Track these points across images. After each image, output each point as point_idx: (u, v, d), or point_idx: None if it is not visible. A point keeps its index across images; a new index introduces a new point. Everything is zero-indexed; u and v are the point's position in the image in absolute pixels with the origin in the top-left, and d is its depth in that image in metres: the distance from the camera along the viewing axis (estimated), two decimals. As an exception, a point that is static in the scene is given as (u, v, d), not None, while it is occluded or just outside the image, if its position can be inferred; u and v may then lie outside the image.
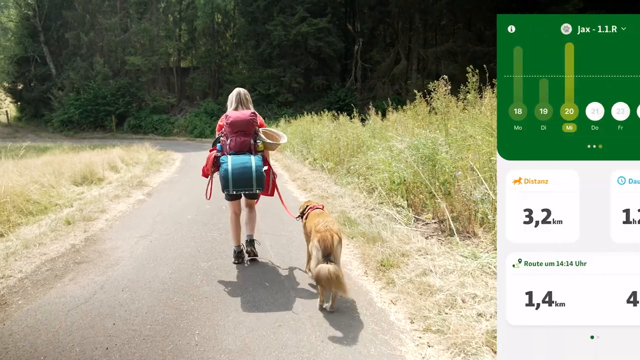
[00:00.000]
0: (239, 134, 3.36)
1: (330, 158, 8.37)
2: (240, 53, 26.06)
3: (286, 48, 23.37)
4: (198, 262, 3.63)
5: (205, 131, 22.79)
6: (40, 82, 28.24)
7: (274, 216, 4.99)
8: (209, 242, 4.22)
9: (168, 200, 6.37)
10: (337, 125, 9.68)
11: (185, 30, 27.68)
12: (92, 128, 25.89)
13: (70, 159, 9.43)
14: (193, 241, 4.24)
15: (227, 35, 27.83)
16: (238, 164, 3.21)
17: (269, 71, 23.84)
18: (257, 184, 3.24)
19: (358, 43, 23.91)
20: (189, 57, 28.55)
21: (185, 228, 4.72)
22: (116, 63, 27.16)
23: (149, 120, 24.78)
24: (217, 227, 4.72)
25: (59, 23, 27.63)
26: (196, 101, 26.57)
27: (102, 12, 26.34)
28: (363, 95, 23.07)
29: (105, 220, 5.07)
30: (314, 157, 9.31)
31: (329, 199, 5.75)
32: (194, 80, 26.33)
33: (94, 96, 25.09)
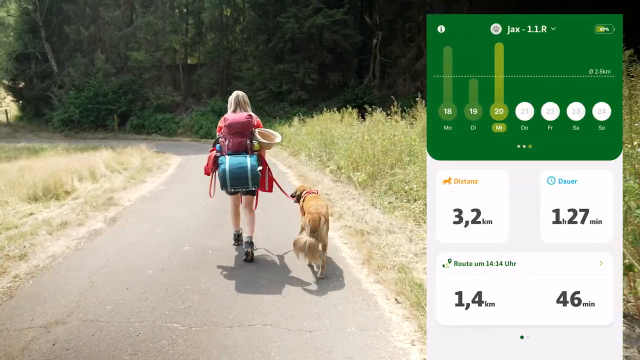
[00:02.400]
0: (236, 135, 3.95)
1: (361, 167, 7.16)
2: (250, 48, 26.61)
3: (299, 42, 23.75)
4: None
5: (211, 131, 23.17)
6: (41, 79, 29.40)
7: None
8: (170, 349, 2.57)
9: (134, 233, 5.05)
10: (371, 124, 8.44)
11: (192, 24, 28.50)
12: (93, 128, 26.84)
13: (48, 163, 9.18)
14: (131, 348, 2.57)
15: (236, 29, 28.49)
16: (235, 164, 3.80)
17: (280, 67, 24.26)
18: (253, 182, 3.84)
19: (376, 37, 24.11)
20: (196, 54, 29.37)
21: (133, 305, 3.12)
22: (118, 59, 28.11)
23: (153, 119, 25.54)
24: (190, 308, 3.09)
25: (61, 18, 28.71)
26: (203, 99, 27.23)
27: (104, 5, 27.40)
28: (382, 93, 23.17)
29: (9, 282, 3.54)
30: (338, 165, 8.21)
31: (371, 235, 4.45)
32: (201, 77, 27.05)
33: (95, 94, 26.02)
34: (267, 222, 5.36)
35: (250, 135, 4.00)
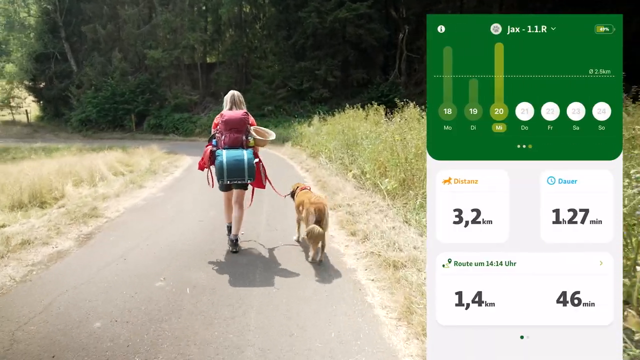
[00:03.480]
0: (232, 130, 4.32)
1: (390, 173, 6.47)
2: (270, 45, 26.98)
3: (321, 37, 23.97)
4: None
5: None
6: (60, 79, 30.65)
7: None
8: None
9: (103, 258, 4.31)
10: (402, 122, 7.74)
11: (210, 21, 29.11)
12: (111, 128, 27.81)
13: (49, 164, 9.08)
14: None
15: (255, 26, 28.96)
16: (232, 156, 4.17)
17: (301, 64, 24.49)
18: (249, 174, 4.19)
19: (403, 31, 24.01)
20: (215, 52, 29.98)
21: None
22: (135, 58, 29.00)
23: (170, 119, 26.23)
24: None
25: (80, 18, 29.87)
26: (221, 98, 27.63)
27: (121, 3, 28.36)
28: (409, 91, 23.08)
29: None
30: (362, 170, 7.59)
31: (408, 269, 3.57)
32: (219, 75, 27.58)
33: (112, 94, 26.95)
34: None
35: (245, 131, 4.38)
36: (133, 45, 28.52)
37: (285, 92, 25.03)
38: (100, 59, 28.40)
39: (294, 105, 24.47)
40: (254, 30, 29.07)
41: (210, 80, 28.78)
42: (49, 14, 30.21)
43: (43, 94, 32.28)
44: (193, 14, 28.41)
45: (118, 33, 28.73)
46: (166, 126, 26.16)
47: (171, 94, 27.43)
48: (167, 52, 26.51)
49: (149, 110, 27.34)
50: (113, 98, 27.06)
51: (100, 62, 28.29)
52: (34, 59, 30.80)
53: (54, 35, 30.31)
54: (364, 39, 23.05)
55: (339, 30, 23.54)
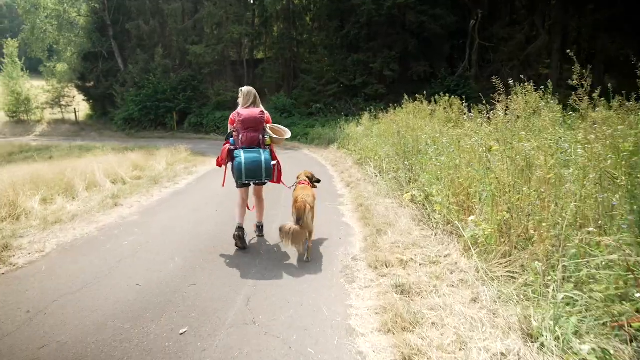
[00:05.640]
0: (249, 130, 4.61)
1: (479, 207, 4.28)
2: (320, 37, 25.31)
3: (377, 27, 21.91)
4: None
5: (273, 132, 22.74)
6: (107, 78, 30.89)
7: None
8: None
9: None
10: (505, 121, 4.47)
11: (256, 14, 27.97)
12: (153, 126, 27.33)
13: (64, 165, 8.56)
14: None
15: (306, 17, 27.44)
16: (250, 158, 4.49)
17: (354, 57, 22.67)
18: (266, 174, 4.57)
19: (475, 17, 21.57)
20: (261, 46, 28.65)
21: None
22: (178, 54, 28.29)
23: (211, 117, 25.21)
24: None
25: (127, 16, 29.98)
26: (266, 95, 27.25)
27: (165, -1, 27.92)
28: (481, 86, 21.04)
29: None
30: (427, 193, 5.46)
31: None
32: (265, 71, 26.18)
33: (154, 91, 26.37)
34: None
35: (262, 130, 4.66)
36: (176, 41, 27.78)
37: (335, 88, 23.18)
38: (143, 56, 27.77)
39: (345, 102, 22.48)
40: (303, 22, 27.44)
41: (255, 77, 27.48)
42: (98, 12, 30.47)
43: (91, 92, 32.68)
44: (239, 6, 27.03)
45: (161, 29, 28.43)
46: (207, 125, 25.18)
47: (213, 91, 26.41)
48: (210, 48, 25.38)
49: (190, 108, 26.47)
50: (155, 96, 26.54)
51: (143, 60, 27.63)
52: (83, 58, 31.29)
53: (102, 34, 30.49)
54: (427, 27, 20.69)
55: (398, 18, 21.29)
